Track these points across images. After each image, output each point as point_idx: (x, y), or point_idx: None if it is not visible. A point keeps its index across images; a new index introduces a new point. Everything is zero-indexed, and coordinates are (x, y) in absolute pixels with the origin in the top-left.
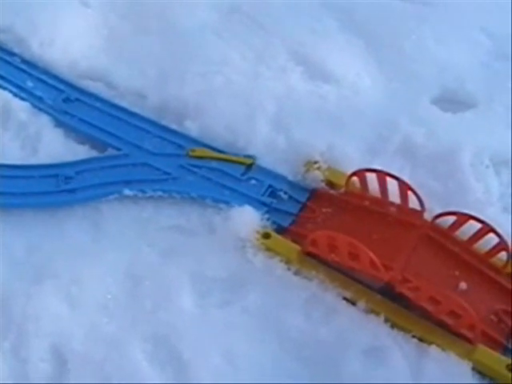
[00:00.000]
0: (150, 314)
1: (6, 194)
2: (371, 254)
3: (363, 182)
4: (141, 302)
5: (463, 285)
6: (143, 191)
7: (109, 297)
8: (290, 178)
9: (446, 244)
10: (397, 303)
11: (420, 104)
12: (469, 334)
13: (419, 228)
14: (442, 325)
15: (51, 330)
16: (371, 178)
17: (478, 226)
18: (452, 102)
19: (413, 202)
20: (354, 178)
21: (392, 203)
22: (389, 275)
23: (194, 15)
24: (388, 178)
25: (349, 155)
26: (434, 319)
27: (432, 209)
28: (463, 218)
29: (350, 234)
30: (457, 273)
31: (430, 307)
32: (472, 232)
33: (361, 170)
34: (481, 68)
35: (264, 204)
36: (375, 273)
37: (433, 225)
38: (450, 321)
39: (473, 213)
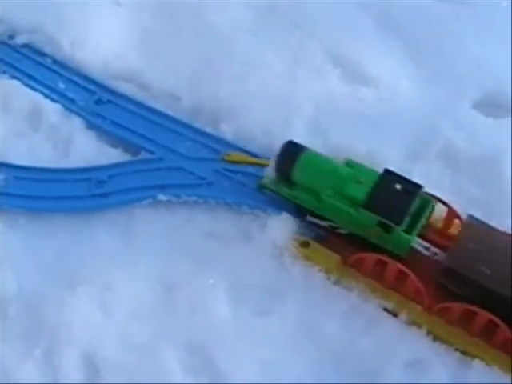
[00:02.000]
0: (184, 322)
1: (37, 197)
2: (420, 285)
3: None
4: (175, 309)
5: None
6: (177, 196)
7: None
8: None
9: None
10: None
11: (460, 108)
12: (507, 349)
13: None
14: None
15: (84, 337)
16: None
17: None
18: (493, 106)
19: None
20: None
21: (432, 224)
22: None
23: (229, 15)
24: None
25: (389, 160)
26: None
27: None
28: None
29: None
30: None
31: (463, 326)
32: None
33: None
34: None
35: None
36: (418, 300)
37: None
38: (485, 338)
39: None
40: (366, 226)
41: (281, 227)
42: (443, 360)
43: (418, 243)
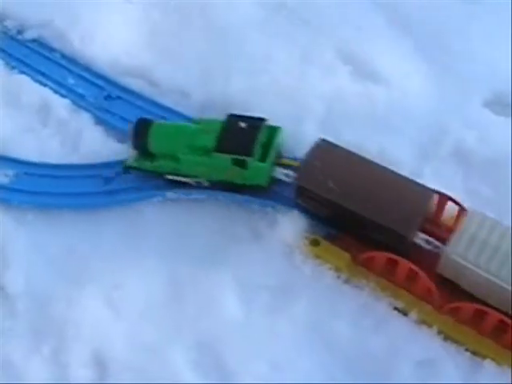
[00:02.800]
0: (193, 320)
1: (45, 193)
2: (431, 284)
3: None
4: (184, 307)
5: None
6: (187, 194)
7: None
8: None
9: None
10: None
11: (471, 106)
12: None
13: None
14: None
15: (92, 334)
16: None
17: None
18: (504, 104)
19: None
20: None
21: (443, 223)
22: (441, 302)
23: (238, 11)
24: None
25: (400, 159)
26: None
27: None
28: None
29: None
30: None
31: (474, 326)
32: None
33: None
34: None
35: None
36: (429, 299)
37: None
38: (496, 338)
39: None
40: (224, 169)
41: (291, 225)
42: (454, 360)
43: (280, 173)
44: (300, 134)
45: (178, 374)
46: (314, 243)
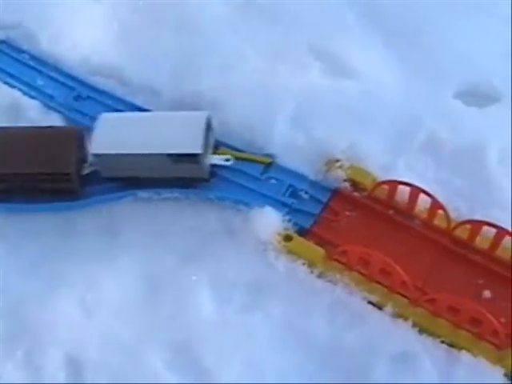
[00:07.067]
0: (168, 319)
1: (17, 197)
2: (405, 276)
3: (392, 192)
4: (159, 307)
5: (487, 293)
6: (159, 193)
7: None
8: (311, 177)
9: (467, 254)
10: None
11: (443, 98)
12: (494, 340)
13: (440, 242)
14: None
15: (66, 337)
16: (402, 189)
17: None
18: (476, 95)
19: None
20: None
21: (416, 216)
22: (416, 294)
23: (208, 8)
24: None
25: (372, 153)
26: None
27: (458, 207)
28: (477, 225)
29: (372, 242)
30: (480, 281)
31: (450, 317)
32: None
33: (394, 181)
34: (503, 60)
35: (285, 204)
36: (403, 292)
37: (452, 237)
38: (472, 329)
39: (499, 212)
40: None
41: (264, 221)
42: (430, 353)
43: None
44: (271, 131)
45: (153, 373)
46: (287, 239)
